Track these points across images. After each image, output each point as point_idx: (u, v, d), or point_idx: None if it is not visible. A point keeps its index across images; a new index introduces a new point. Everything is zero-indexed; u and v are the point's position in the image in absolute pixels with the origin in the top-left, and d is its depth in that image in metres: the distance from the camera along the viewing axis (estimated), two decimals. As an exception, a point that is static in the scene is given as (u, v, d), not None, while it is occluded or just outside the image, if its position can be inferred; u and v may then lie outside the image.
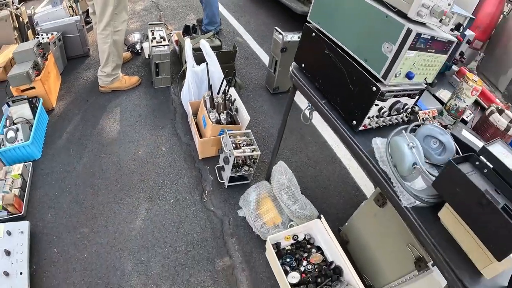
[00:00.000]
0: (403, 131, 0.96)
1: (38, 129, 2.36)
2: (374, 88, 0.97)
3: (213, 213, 2.05)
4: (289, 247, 1.83)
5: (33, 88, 2.51)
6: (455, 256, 0.91)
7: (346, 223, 1.93)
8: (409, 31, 0.87)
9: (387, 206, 1.55)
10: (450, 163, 0.78)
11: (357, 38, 1.03)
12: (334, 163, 2.50)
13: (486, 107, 1.51)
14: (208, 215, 2.04)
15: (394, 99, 1.04)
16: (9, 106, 2.34)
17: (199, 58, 2.52)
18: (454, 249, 0.93)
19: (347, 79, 1.06)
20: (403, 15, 0.90)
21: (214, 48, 2.71)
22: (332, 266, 1.75)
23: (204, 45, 2.39)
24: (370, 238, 1.75)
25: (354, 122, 1.08)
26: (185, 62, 2.53)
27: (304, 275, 1.70)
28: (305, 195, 2.01)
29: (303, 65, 1.34)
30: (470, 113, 1.49)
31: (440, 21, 0.95)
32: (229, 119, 2.25)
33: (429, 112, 1.30)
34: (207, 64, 2.36)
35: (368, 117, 1.04)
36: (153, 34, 2.91)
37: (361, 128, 1.07)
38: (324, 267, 1.74)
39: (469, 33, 1.70)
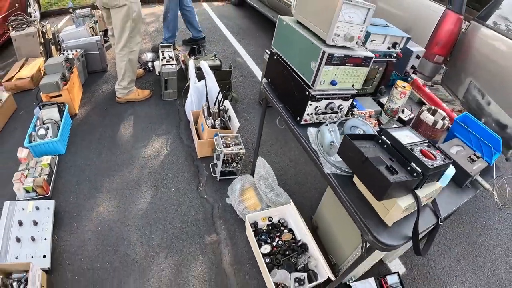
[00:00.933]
0: (328, 123, 1.40)
1: (64, 129, 2.83)
2: (307, 92, 1.41)
3: (206, 200, 2.47)
4: (265, 228, 2.23)
5: (60, 95, 3.01)
6: (365, 210, 1.27)
7: (316, 212, 2.33)
8: (324, 53, 1.30)
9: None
10: (345, 136, 1.19)
11: (298, 59, 1.48)
12: (313, 165, 2.91)
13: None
14: (202, 201, 2.46)
15: (327, 101, 1.47)
16: (40, 109, 2.83)
17: (201, 75, 3.00)
18: (365, 205, 1.29)
19: (293, 87, 1.51)
20: (324, 42, 1.35)
21: (214, 67, 3.21)
22: (300, 243, 2.13)
23: (203, 64, 2.88)
24: (332, 222, 2.13)
25: (298, 118, 1.51)
26: (189, 78, 3.02)
27: (275, 248, 2.10)
28: (284, 189, 2.40)
29: (269, 79, 1.80)
30: (409, 113, 1.83)
31: (356, 43, 1.39)
32: (222, 125, 2.71)
33: (365, 112, 1.73)
34: (205, 80, 2.84)
35: (307, 114, 1.47)
36: (163, 54, 3.43)
37: (302, 122, 1.51)
38: (293, 244, 2.13)
39: (419, 49, 2.07)
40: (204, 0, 6.74)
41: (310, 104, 1.43)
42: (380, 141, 1.27)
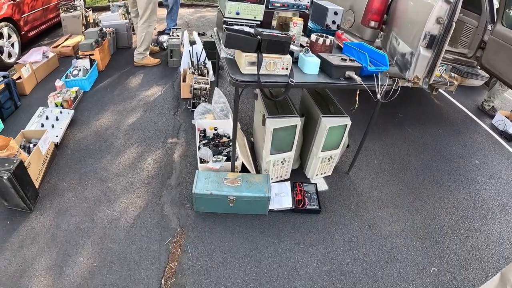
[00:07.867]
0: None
1: (91, 74, 3.88)
2: (224, 19, 2.23)
3: (178, 120, 3.31)
4: (212, 136, 2.98)
5: (92, 54, 4.09)
6: (234, 68, 2.04)
7: (252, 131, 3.05)
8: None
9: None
10: (227, 28, 1.97)
11: (221, 3, 2.31)
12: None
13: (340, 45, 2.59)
14: (174, 121, 3.30)
15: (239, 26, 2.22)
16: (77, 59, 3.92)
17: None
18: (236, 66, 2.05)
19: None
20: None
21: (210, 41, 4.11)
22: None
23: (195, 35, 3.85)
24: (259, 138, 2.82)
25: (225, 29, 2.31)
26: (184, 45, 3.97)
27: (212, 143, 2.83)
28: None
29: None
30: (308, 41, 2.48)
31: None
32: (199, 73, 3.58)
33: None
34: (192, 45, 3.78)
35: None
36: (173, 33, 4.46)
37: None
38: (226, 144, 2.84)
39: (336, 7, 2.63)
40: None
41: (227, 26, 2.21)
42: (250, 34, 2.01)
